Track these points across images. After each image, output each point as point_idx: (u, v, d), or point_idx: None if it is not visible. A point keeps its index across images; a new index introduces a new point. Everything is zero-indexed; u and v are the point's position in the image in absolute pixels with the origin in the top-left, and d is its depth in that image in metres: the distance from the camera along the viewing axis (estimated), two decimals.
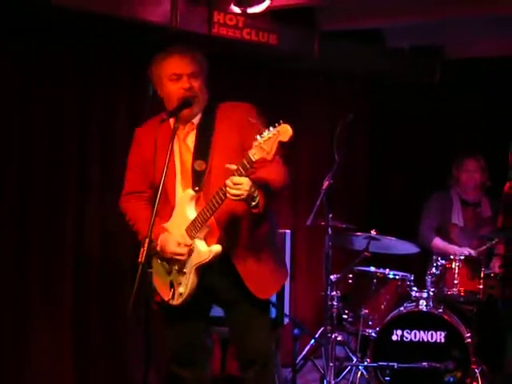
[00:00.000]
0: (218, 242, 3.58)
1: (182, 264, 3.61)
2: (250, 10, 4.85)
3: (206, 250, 3.56)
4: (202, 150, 3.62)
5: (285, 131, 3.21)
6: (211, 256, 3.54)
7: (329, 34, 5.81)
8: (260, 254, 3.66)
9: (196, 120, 3.68)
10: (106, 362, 5.33)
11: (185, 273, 3.61)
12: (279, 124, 3.23)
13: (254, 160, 3.27)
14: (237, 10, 4.94)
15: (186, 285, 3.61)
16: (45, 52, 4.98)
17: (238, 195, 3.36)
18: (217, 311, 3.92)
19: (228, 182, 3.35)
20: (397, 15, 5.54)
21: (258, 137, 3.23)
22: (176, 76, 3.60)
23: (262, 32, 5.29)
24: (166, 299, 3.67)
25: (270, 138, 3.21)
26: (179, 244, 3.58)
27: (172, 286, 3.66)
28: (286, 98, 6.31)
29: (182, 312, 3.72)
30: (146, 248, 3.34)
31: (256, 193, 3.42)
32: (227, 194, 3.38)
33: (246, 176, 3.34)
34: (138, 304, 3.34)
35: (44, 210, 5.05)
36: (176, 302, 3.65)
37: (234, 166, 3.35)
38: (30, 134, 4.97)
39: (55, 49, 5.02)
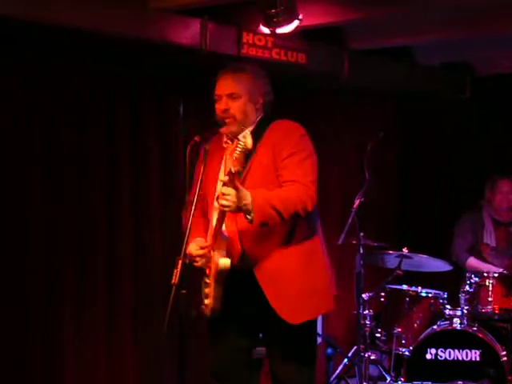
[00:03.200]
0: (238, 260, 3.55)
1: (209, 275, 3.62)
2: (279, 31, 4.86)
3: (217, 261, 3.52)
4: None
5: (245, 143, 3.23)
6: (218, 268, 3.51)
7: (358, 52, 5.81)
8: (290, 275, 3.57)
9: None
10: (139, 377, 5.36)
11: (209, 284, 3.62)
12: (245, 135, 3.26)
13: (233, 172, 3.27)
14: (266, 30, 4.96)
15: (210, 297, 3.62)
16: (74, 76, 5.04)
17: (226, 205, 3.34)
18: None
19: (218, 192, 3.39)
20: (426, 32, 5.54)
21: (237, 148, 3.26)
22: (218, 97, 3.64)
23: (291, 52, 5.31)
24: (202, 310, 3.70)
25: (240, 151, 3.24)
26: (201, 247, 3.60)
27: (205, 296, 3.69)
28: (316, 117, 6.31)
29: (226, 328, 3.69)
30: (179, 269, 3.35)
31: (251, 206, 3.36)
32: (217, 204, 3.40)
33: (233, 187, 3.31)
34: (172, 325, 3.36)
35: (75, 219, 5.10)
36: (207, 312, 3.66)
37: (226, 178, 3.35)
38: (57, 153, 5.02)
39: (84, 72, 5.08)
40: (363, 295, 5.26)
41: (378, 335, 5.50)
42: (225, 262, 3.51)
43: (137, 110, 5.37)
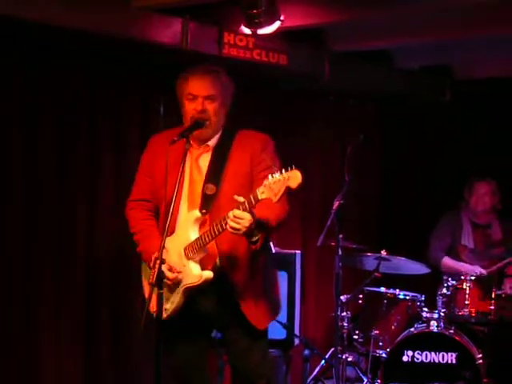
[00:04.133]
0: (212, 269, 3.59)
1: (175, 283, 3.62)
2: (261, 31, 4.85)
3: (197, 273, 3.56)
4: (215, 174, 3.64)
5: (294, 178, 3.20)
6: (201, 280, 3.55)
7: (339, 54, 5.83)
8: (258, 285, 3.68)
9: (212, 142, 3.71)
10: (117, 375, 5.35)
11: (174, 291, 3.63)
12: (291, 169, 3.22)
13: (259, 198, 3.27)
14: (247, 31, 4.96)
15: (173, 302, 3.65)
16: (57, 72, 5.02)
17: (236, 229, 3.37)
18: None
19: (230, 213, 3.36)
20: (406, 36, 5.55)
21: (270, 176, 3.23)
22: (192, 96, 3.63)
23: (272, 52, 5.30)
24: (152, 311, 3.61)
25: (279, 180, 3.20)
26: (171, 268, 3.59)
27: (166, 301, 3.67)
28: (296, 119, 6.32)
29: (183, 330, 3.73)
30: (157, 269, 3.34)
31: (256, 231, 3.43)
32: (227, 226, 3.39)
33: (249, 211, 3.34)
34: (149, 324, 3.36)
35: (55, 220, 5.07)
36: (163, 316, 3.61)
37: (241, 199, 3.35)
38: (40, 145, 5.00)
39: (67, 69, 5.06)
40: (341, 297, 5.27)
41: (356, 337, 5.51)
42: (208, 275, 3.57)
43: (119, 109, 5.34)
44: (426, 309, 5.38)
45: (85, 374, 5.20)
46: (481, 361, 5.12)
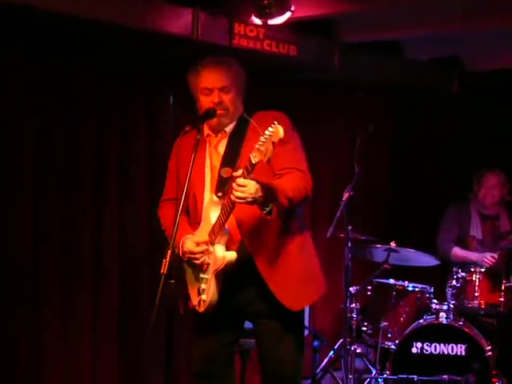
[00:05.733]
0: (237, 249, 3.55)
1: (205, 271, 3.60)
2: (271, 22, 4.85)
3: (221, 256, 3.53)
4: (231, 157, 3.63)
5: (276, 133, 3.17)
6: (224, 263, 3.51)
7: (349, 45, 5.80)
8: (289, 263, 3.59)
9: (229, 129, 3.70)
10: (125, 374, 5.35)
11: (207, 280, 3.60)
12: (274, 125, 3.20)
13: (253, 162, 3.24)
14: (258, 21, 4.95)
15: (208, 292, 3.60)
16: (63, 65, 5.02)
17: (242, 198, 3.32)
18: (247, 323, 3.87)
19: (233, 184, 3.33)
20: (415, 27, 5.53)
21: (261, 138, 3.22)
22: (208, 90, 3.62)
23: (282, 43, 5.28)
24: (192, 306, 3.67)
25: (266, 139, 3.19)
26: (198, 244, 3.57)
27: (199, 292, 3.66)
28: (306, 110, 6.30)
29: (215, 322, 3.70)
30: (168, 259, 3.34)
31: (267, 198, 3.38)
32: (232, 197, 3.35)
33: (251, 179, 3.30)
34: (160, 315, 3.34)
35: (61, 223, 5.07)
36: (201, 308, 3.64)
37: (240, 172, 3.32)
38: (47, 146, 5.00)
39: (74, 62, 5.05)
40: (350, 288, 5.27)
41: (365, 328, 5.51)
42: (231, 255, 3.53)
43: (127, 101, 5.34)
44: (435, 300, 5.38)
45: (92, 374, 5.20)
46: (490, 353, 5.12)
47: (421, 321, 5.32)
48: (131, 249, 5.36)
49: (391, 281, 5.59)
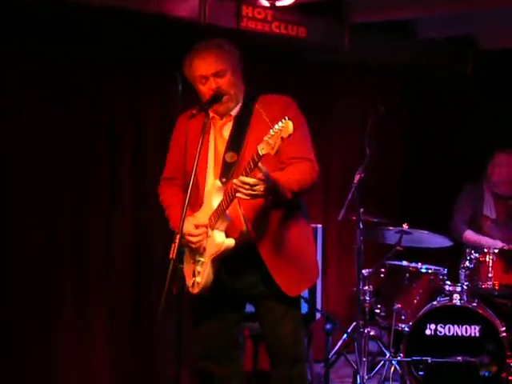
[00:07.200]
0: (239, 236, 3.56)
1: (203, 254, 3.61)
2: (279, 3, 4.82)
3: (219, 241, 3.53)
4: (236, 142, 3.61)
5: (286, 128, 3.15)
6: (222, 248, 3.52)
7: (359, 26, 5.75)
8: (290, 250, 3.63)
9: (234, 112, 3.67)
10: (138, 356, 5.36)
11: (203, 263, 3.62)
12: (284, 120, 3.17)
13: (261, 154, 3.21)
14: (265, 3, 4.91)
15: (203, 275, 3.62)
16: (71, 51, 5.00)
17: (253, 196, 3.32)
18: (249, 307, 3.92)
19: (235, 180, 3.32)
20: (428, 5, 5.47)
21: (271, 131, 3.19)
22: (203, 78, 3.60)
23: (291, 25, 5.25)
24: (187, 287, 3.67)
25: (275, 133, 3.16)
26: (197, 226, 3.58)
27: (194, 274, 3.67)
28: (316, 92, 6.27)
29: (215, 305, 3.72)
30: (177, 244, 3.34)
31: (272, 193, 3.37)
32: (238, 194, 3.35)
33: (259, 169, 3.28)
34: (169, 299, 3.34)
35: (74, 219, 5.08)
36: (194, 290, 3.65)
37: (261, 172, 3.30)
38: (59, 140, 5.01)
39: (81, 48, 5.04)
40: (363, 271, 5.26)
41: (378, 311, 5.50)
42: (229, 242, 3.54)
43: (136, 86, 5.33)
44: (448, 282, 5.35)
45: (108, 374, 5.22)
46: (504, 334, 5.08)
47: (434, 302, 5.29)
48: (144, 248, 5.37)
49: (404, 263, 5.57)
